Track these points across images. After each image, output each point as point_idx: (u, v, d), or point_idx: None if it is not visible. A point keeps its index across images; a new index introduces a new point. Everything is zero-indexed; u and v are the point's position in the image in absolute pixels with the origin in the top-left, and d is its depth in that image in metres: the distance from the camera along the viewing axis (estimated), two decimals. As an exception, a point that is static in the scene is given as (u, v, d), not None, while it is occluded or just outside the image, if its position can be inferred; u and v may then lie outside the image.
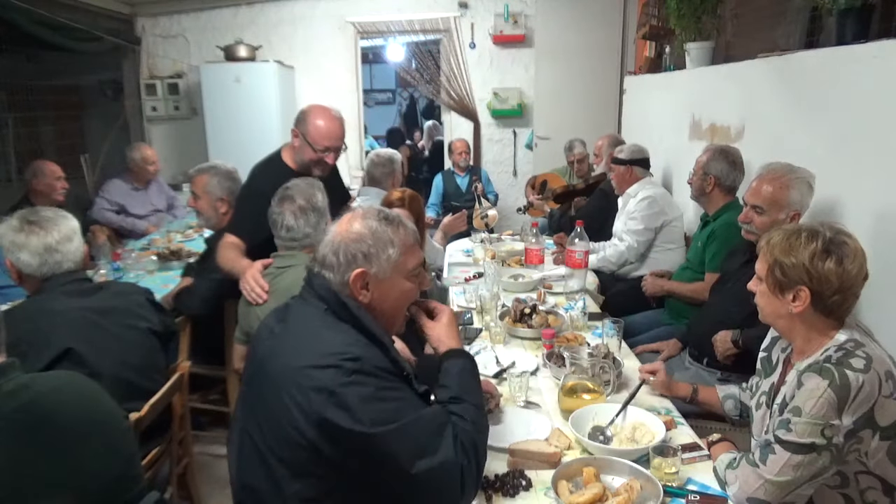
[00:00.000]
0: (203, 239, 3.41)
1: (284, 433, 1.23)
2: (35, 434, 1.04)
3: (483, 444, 1.35)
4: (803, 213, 2.09)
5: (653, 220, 3.26)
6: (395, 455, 1.20)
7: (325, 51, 6.14)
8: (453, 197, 5.41)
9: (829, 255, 1.40)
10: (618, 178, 3.47)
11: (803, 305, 1.43)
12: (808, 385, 1.35)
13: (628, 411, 1.68)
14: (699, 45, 3.45)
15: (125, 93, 6.18)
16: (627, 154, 3.42)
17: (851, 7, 2.15)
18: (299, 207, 2.16)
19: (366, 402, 1.20)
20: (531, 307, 2.40)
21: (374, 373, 1.24)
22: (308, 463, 1.23)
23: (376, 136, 9.12)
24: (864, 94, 2.00)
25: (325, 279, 1.37)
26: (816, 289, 1.41)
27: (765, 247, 1.51)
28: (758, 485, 1.35)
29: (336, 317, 1.34)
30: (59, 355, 1.77)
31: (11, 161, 5.04)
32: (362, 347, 1.28)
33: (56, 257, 1.89)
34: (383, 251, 1.36)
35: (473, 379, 1.44)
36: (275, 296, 2.09)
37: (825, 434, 1.32)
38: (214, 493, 2.58)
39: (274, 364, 1.30)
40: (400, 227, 1.41)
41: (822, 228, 1.45)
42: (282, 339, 1.35)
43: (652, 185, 3.41)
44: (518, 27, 5.95)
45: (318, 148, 2.45)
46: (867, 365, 1.34)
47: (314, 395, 1.20)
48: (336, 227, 1.42)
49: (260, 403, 1.31)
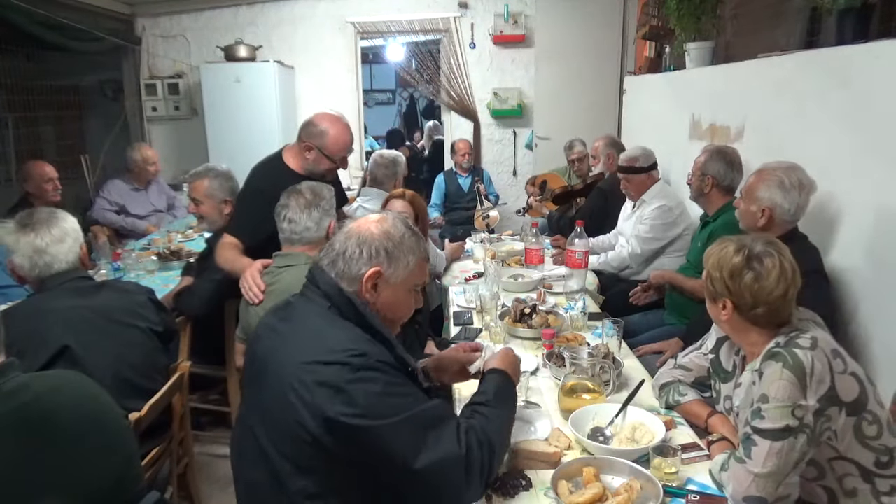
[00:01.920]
0: (203, 239, 3.41)
1: (289, 429, 1.23)
2: (35, 434, 1.04)
3: (501, 447, 1.38)
4: (777, 211, 2.07)
5: (664, 230, 3.19)
6: (398, 449, 1.21)
7: (325, 51, 6.14)
8: (455, 197, 5.41)
9: (748, 270, 1.48)
10: (636, 187, 3.32)
11: (729, 315, 1.53)
12: (767, 372, 1.41)
13: (628, 411, 1.68)
14: (699, 45, 3.45)
15: (125, 93, 6.19)
16: (644, 161, 3.30)
17: (851, 7, 2.15)
18: (306, 201, 2.19)
19: (373, 397, 1.21)
20: (531, 307, 2.40)
21: (381, 368, 1.25)
22: (312, 459, 1.24)
23: (376, 137, 9.13)
24: (863, 94, 2.00)
25: (329, 276, 1.37)
26: (736, 302, 1.50)
27: (705, 257, 1.59)
28: (749, 481, 1.36)
29: (340, 314, 1.34)
30: (56, 353, 1.78)
31: (11, 161, 5.04)
32: (367, 344, 1.29)
33: (45, 259, 1.89)
34: (404, 257, 1.39)
35: (510, 396, 1.50)
36: (274, 295, 2.09)
37: (795, 415, 1.36)
38: (214, 493, 2.58)
39: (277, 361, 1.30)
40: (422, 241, 1.46)
41: (752, 243, 1.51)
42: (284, 336, 1.35)
43: (665, 192, 3.30)
44: (518, 27, 5.95)
45: (337, 159, 2.49)
46: (813, 344, 1.41)
47: (319, 390, 1.21)
48: (361, 222, 1.42)
49: (263, 401, 1.31)
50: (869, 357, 1.96)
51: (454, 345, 1.82)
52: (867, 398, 1.43)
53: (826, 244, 2.18)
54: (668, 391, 1.81)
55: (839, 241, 2.16)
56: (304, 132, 2.49)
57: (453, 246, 3.50)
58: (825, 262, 2.09)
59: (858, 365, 1.48)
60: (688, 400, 1.76)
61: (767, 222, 2.10)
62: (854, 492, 1.47)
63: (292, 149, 2.56)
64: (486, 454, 1.29)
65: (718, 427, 1.64)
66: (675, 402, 1.78)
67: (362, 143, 6.60)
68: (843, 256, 2.13)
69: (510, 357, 1.61)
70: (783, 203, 2.06)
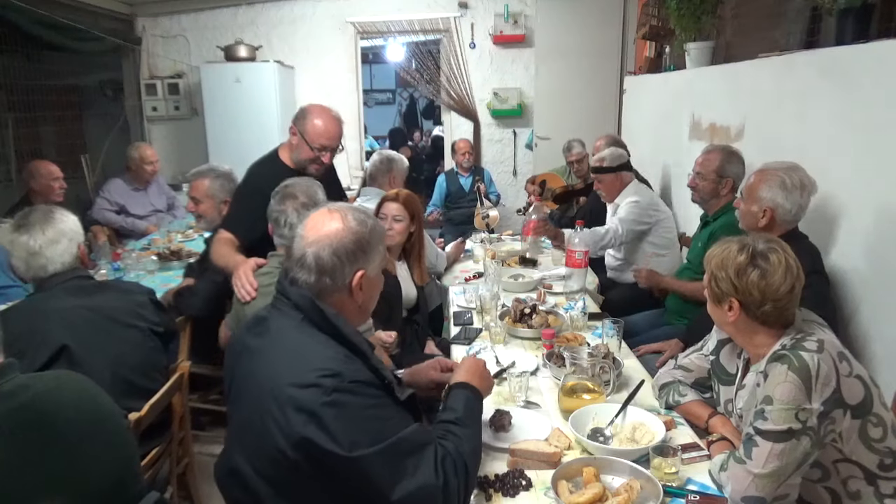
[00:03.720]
0: (203, 239, 3.41)
1: (267, 453, 1.22)
2: (34, 434, 1.03)
3: (475, 467, 1.35)
4: (779, 212, 2.08)
5: (641, 216, 3.20)
6: (374, 480, 1.18)
7: (325, 51, 6.14)
8: (456, 197, 5.40)
9: (753, 268, 1.47)
10: (607, 188, 3.34)
11: (735, 316, 1.52)
12: (772, 374, 1.41)
13: (628, 411, 1.68)
14: (699, 45, 3.45)
15: (125, 93, 6.19)
16: (611, 160, 3.31)
17: (851, 7, 2.15)
18: (302, 204, 2.15)
19: (345, 422, 1.17)
20: (531, 307, 2.40)
21: (354, 390, 1.21)
22: (291, 483, 1.22)
23: (377, 137, 9.13)
24: (863, 94, 2.00)
25: (299, 286, 1.33)
26: (744, 300, 1.50)
27: (706, 259, 1.59)
28: (748, 481, 1.36)
29: (314, 326, 1.30)
30: (55, 353, 1.77)
31: (11, 161, 5.04)
32: (342, 362, 1.24)
33: (40, 262, 1.89)
34: (376, 246, 1.38)
35: (477, 411, 1.46)
36: (269, 296, 2.09)
37: (799, 418, 1.35)
38: (214, 493, 2.55)
39: (254, 383, 1.28)
40: (373, 219, 1.42)
41: (754, 242, 1.51)
42: (260, 355, 1.31)
43: (637, 190, 3.33)
44: (518, 27, 5.95)
45: (315, 146, 2.46)
46: (820, 347, 1.41)
47: (294, 414, 1.18)
48: (315, 226, 1.35)
49: (243, 423, 1.30)
50: (870, 357, 1.97)
51: (430, 360, 1.76)
52: (872, 401, 1.43)
53: (826, 244, 2.18)
54: (668, 391, 1.81)
55: (839, 241, 2.16)
56: (294, 117, 2.52)
57: (454, 250, 3.50)
58: (825, 262, 2.09)
59: (862, 367, 1.48)
60: (688, 400, 1.76)
61: (769, 222, 2.10)
62: (858, 494, 1.47)
63: (287, 144, 2.57)
64: (462, 479, 1.26)
65: (719, 427, 1.64)
66: (676, 403, 1.78)
67: (362, 143, 6.59)
68: (843, 256, 2.13)
69: (477, 368, 1.55)
70: (784, 203, 2.06)
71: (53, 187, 3.77)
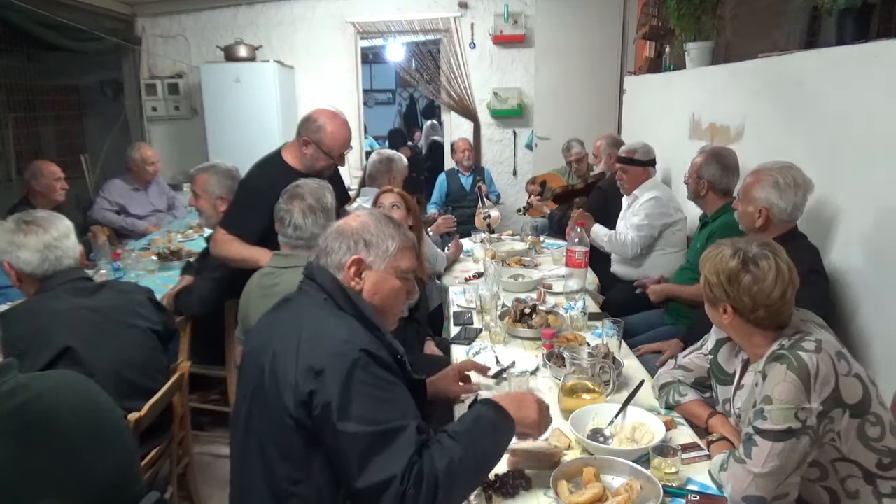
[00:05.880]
0: (203, 239, 3.41)
1: (275, 415, 1.26)
2: (33, 434, 1.03)
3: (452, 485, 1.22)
4: (774, 211, 2.08)
5: (657, 219, 3.20)
6: (349, 458, 1.20)
7: (325, 51, 6.14)
8: (457, 196, 5.40)
9: (745, 273, 1.48)
10: (631, 179, 3.35)
11: (730, 318, 1.54)
12: (771, 374, 1.41)
13: (628, 411, 1.68)
14: (699, 45, 3.45)
15: (125, 93, 6.19)
16: (642, 154, 3.33)
17: (851, 7, 2.15)
18: (308, 206, 2.15)
19: (349, 389, 1.21)
20: (531, 307, 2.40)
21: (368, 365, 1.25)
22: (294, 445, 1.26)
23: (377, 137, 9.13)
24: (863, 93, 2.00)
25: (324, 269, 1.42)
26: (736, 305, 1.50)
27: (701, 261, 1.60)
28: (748, 481, 1.37)
29: (336, 305, 1.38)
30: (58, 354, 1.77)
31: (11, 161, 5.04)
32: (361, 335, 1.31)
33: (57, 253, 1.90)
34: (383, 242, 1.44)
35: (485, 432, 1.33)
36: (274, 296, 2.08)
37: (798, 417, 1.36)
38: (214, 493, 2.58)
39: (270, 351, 1.31)
40: (402, 228, 1.50)
41: (747, 246, 1.52)
42: (280, 326, 1.37)
43: (658, 186, 3.36)
44: (518, 27, 5.95)
45: (335, 155, 2.50)
46: (818, 346, 1.41)
47: (304, 374, 1.23)
48: (342, 220, 1.50)
49: (255, 389, 1.33)
50: (870, 357, 1.97)
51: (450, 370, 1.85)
52: (870, 400, 1.43)
53: (826, 244, 2.18)
54: (668, 391, 1.81)
55: (839, 241, 2.16)
56: (303, 128, 2.49)
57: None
58: (825, 262, 2.09)
59: (861, 366, 1.48)
60: (688, 400, 1.76)
61: (765, 222, 2.10)
62: (856, 493, 1.47)
63: (291, 146, 2.55)
64: (429, 493, 1.18)
65: (719, 427, 1.64)
66: (675, 403, 1.78)
67: (362, 143, 6.60)
68: (843, 256, 2.13)
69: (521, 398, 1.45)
70: (779, 202, 2.07)
71: (55, 187, 3.79)
